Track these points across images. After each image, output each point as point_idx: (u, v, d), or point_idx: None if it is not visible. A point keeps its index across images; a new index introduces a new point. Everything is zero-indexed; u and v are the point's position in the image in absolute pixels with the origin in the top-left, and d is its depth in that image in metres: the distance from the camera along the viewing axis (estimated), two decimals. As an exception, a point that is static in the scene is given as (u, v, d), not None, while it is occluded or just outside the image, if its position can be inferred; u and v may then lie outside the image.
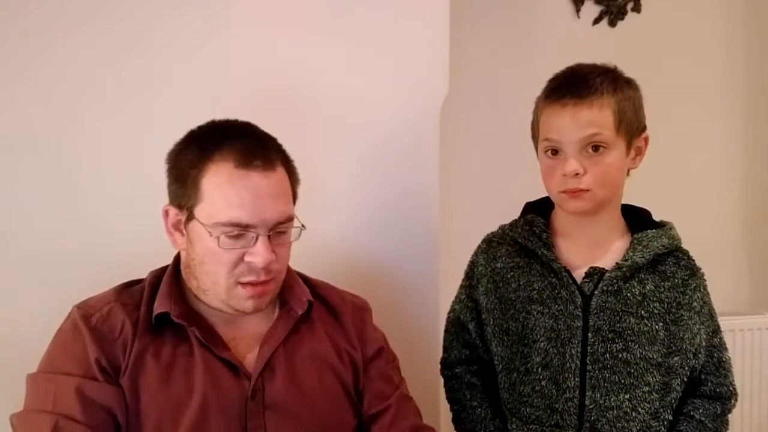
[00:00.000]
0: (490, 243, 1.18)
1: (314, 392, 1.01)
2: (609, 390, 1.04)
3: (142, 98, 1.24)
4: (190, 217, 0.95)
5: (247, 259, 0.94)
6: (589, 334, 1.05)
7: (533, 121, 1.10)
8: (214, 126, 0.99)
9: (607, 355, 1.04)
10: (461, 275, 1.22)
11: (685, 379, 1.07)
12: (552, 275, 1.08)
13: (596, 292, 1.05)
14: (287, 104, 1.28)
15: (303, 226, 1.00)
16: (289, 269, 1.06)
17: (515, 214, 1.18)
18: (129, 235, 1.22)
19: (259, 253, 0.93)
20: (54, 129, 1.21)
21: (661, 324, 1.05)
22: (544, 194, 1.11)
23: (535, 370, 1.08)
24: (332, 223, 1.34)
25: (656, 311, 1.05)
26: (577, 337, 1.05)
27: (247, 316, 1.00)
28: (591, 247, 1.09)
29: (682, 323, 1.06)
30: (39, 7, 1.19)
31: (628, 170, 1.08)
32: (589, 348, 1.05)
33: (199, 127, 0.99)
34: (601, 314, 1.05)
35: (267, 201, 0.93)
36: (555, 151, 1.04)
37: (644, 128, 1.07)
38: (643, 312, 1.05)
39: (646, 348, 1.05)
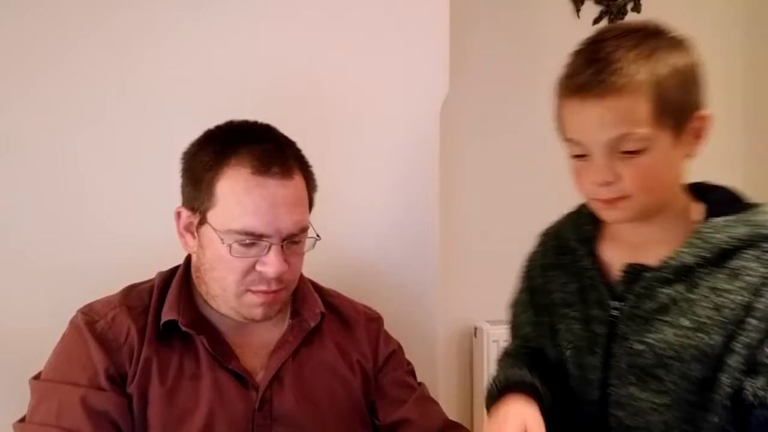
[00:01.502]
0: (544, 235, 1.03)
1: (323, 404, 0.98)
2: (637, 409, 0.85)
3: (144, 99, 1.23)
4: (203, 221, 0.92)
5: (258, 268, 0.91)
6: (614, 345, 0.87)
7: (555, 109, 0.88)
8: (232, 127, 0.96)
9: (636, 370, 0.85)
10: (461, 276, 1.20)
11: (729, 396, 0.81)
12: (585, 274, 0.92)
13: (629, 296, 0.86)
14: (286, 105, 1.27)
15: (318, 236, 0.97)
16: (302, 277, 1.03)
17: (515, 214, 1.18)
18: (131, 238, 1.21)
19: (271, 263, 0.90)
20: (54, 130, 1.20)
21: (717, 337, 0.80)
22: (545, 195, 1.09)
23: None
24: (330, 222, 1.33)
25: (710, 321, 0.80)
26: (599, 346, 0.88)
27: (257, 324, 0.97)
28: (642, 248, 0.88)
29: (744, 334, 0.79)
30: (39, 8, 1.18)
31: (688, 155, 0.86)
32: (613, 361, 0.87)
33: (217, 127, 0.96)
34: (630, 322, 0.85)
35: (283, 210, 0.90)
36: (581, 153, 0.83)
37: (698, 106, 0.85)
38: (687, 322, 0.81)
39: (689, 365, 0.81)
